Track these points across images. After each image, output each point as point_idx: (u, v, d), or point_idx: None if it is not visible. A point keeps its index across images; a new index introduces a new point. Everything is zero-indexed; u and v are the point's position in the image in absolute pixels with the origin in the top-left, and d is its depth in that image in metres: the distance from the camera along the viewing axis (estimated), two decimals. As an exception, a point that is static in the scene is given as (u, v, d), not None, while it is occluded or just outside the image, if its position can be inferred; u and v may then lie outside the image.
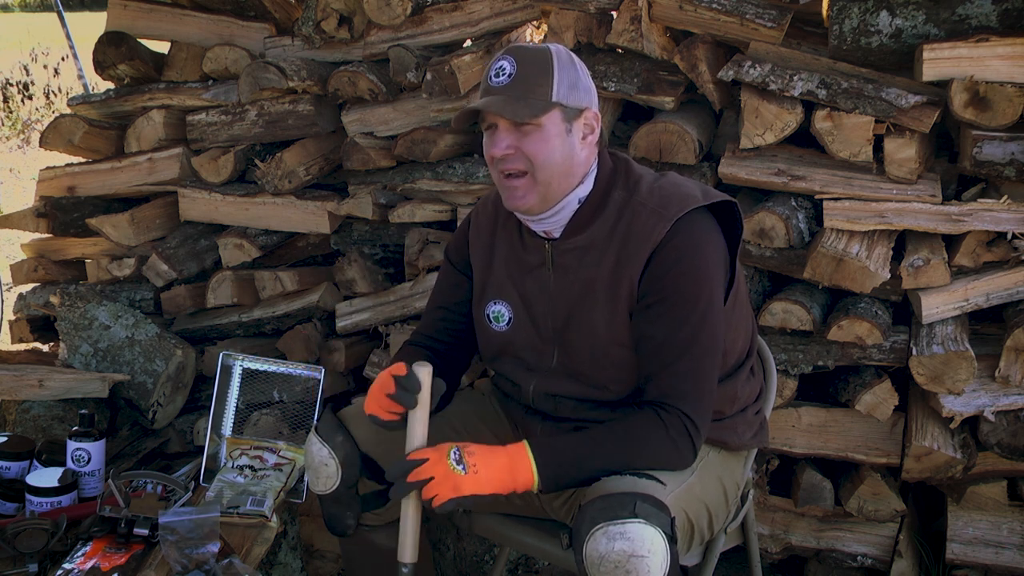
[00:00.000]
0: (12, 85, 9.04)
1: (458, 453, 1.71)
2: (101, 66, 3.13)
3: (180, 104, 3.09)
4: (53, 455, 2.44)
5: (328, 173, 3.04)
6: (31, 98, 9.06)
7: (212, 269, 3.13)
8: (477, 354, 2.09)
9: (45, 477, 2.30)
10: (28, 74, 9.29)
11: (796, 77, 2.40)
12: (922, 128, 2.34)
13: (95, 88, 7.18)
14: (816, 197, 2.48)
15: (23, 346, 3.40)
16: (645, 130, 2.56)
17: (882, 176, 2.42)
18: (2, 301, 3.34)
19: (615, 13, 2.58)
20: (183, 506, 2.21)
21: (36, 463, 2.44)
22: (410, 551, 1.78)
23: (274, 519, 2.32)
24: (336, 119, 2.99)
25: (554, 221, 1.85)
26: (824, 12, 2.60)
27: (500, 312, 1.96)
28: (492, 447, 1.76)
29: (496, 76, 1.77)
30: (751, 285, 2.55)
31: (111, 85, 3.26)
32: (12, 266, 3.43)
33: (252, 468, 2.46)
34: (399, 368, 1.81)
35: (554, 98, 1.75)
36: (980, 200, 2.40)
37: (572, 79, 1.78)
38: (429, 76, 2.73)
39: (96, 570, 2.02)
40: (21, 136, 8.68)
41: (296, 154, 2.94)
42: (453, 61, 2.70)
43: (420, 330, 2.10)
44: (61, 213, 3.18)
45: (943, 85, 2.35)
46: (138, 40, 3.16)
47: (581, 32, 2.66)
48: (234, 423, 2.68)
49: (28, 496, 2.27)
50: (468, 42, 2.94)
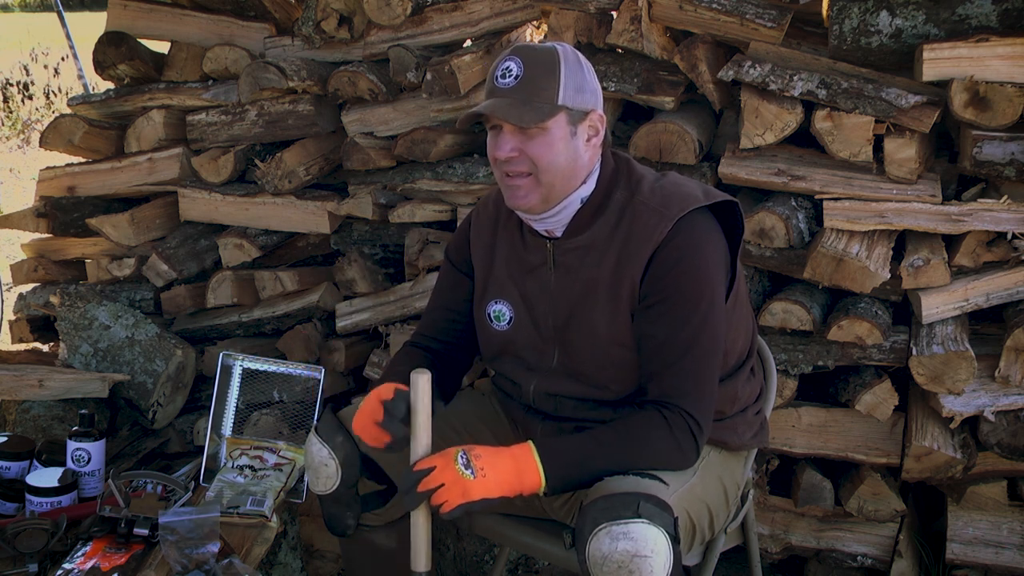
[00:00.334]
0: (12, 85, 9.03)
1: (465, 457, 1.69)
2: (101, 66, 3.13)
3: (180, 104, 3.09)
4: (53, 455, 2.44)
5: (328, 173, 3.04)
6: (31, 98, 9.05)
7: (212, 269, 3.13)
8: (478, 354, 2.09)
9: (45, 477, 2.30)
10: (28, 74, 9.29)
11: (796, 77, 2.40)
12: (922, 128, 2.34)
13: (95, 88, 7.18)
14: (816, 197, 2.48)
15: (23, 346, 3.40)
16: (645, 130, 2.56)
17: (882, 176, 2.42)
18: (2, 301, 3.34)
19: (615, 13, 2.58)
20: (183, 506, 2.21)
21: (36, 463, 2.44)
22: (424, 560, 1.75)
23: (274, 519, 2.32)
24: (336, 119, 2.99)
25: (556, 220, 1.85)
26: (824, 12, 2.60)
27: (501, 311, 1.96)
28: (497, 448, 1.74)
29: (503, 77, 1.76)
30: (751, 285, 2.55)
31: (111, 85, 3.26)
32: (12, 266, 3.43)
33: (252, 468, 2.46)
34: (387, 391, 1.78)
35: (560, 101, 1.75)
36: (980, 200, 2.40)
37: (579, 81, 1.77)
38: (429, 76, 2.73)
39: (96, 570, 2.02)
40: (21, 136, 8.68)
41: (296, 154, 2.94)
42: (453, 61, 2.70)
43: (420, 330, 2.10)
44: (61, 213, 3.18)
45: (943, 85, 2.35)
46: (138, 40, 3.16)
47: (581, 32, 2.66)
48: (234, 423, 2.68)
49: (28, 496, 2.27)
50: (468, 42, 2.94)
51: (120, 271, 3.15)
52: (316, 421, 2.34)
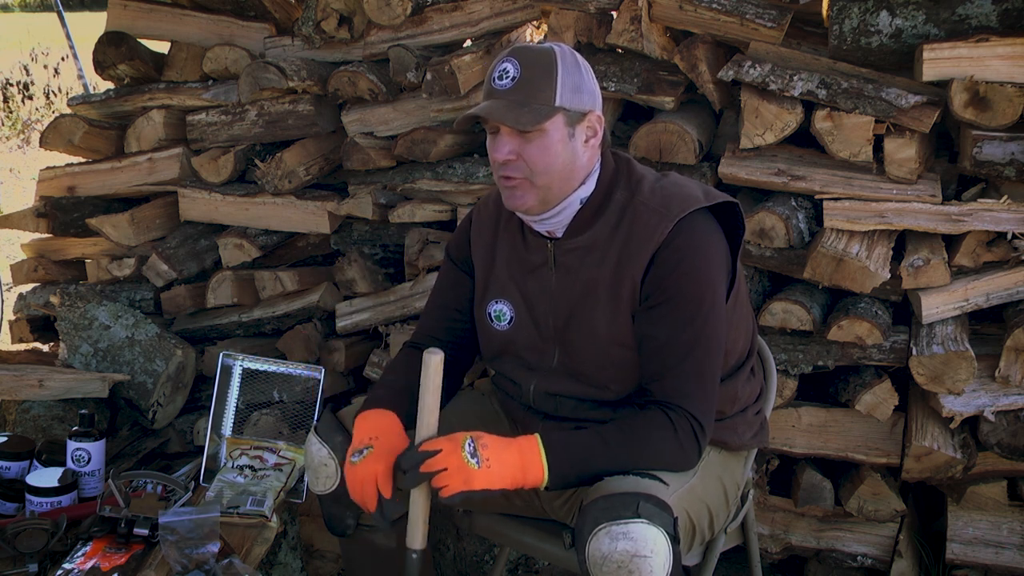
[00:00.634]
0: (12, 85, 9.03)
1: (472, 445, 1.70)
2: (101, 66, 3.13)
3: (180, 104, 3.09)
4: (53, 455, 2.44)
5: (328, 173, 3.04)
6: (31, 98, 9.05)
7: (212, 269, 3.13)
8: (478, 353, 2.09)
9: (45, 477, 2.30)
10: (28, 74, 9.29)
11: (796, 77, 2.40)
12: (922, 128, 2.34)
13: (95, 88, 7.18)
14: (816, 197, 2.48)
15: (23, 346, 3.40)
16: (645, 130, 2.56)
17: (882, 176, 2.42)
18: (2, 301, 3.34)
19: (615, 13, 2.58)
20: (183, 506, 2.21)
21: (36, 463, 2.44)
22: (420, 537, 1.77)
23: (274, 519, 2.32)
24: (336, 119, 2.99)
25: (556, 221, 1.85)
26: (824, 12, 2.60)
27: (502, 311, 1.96)
28: (505, 440, 1.74)
29: (500, 79, 1.76)
30: (751, 285, 2.55)
31: (111, 85, 3.26)
32: (12, 266, 3.43)
33: (252, 468, 2.46)
34: (384, 485, 1.76)
35: (557, 103, 1.74)
36: (980, 200, 2.40)
37: (576, 82, 1.77)
38: (429, 76, 2.73)
39: (96, 570, 2.02)
40: (21, 136, 8.68)
41: (296, 154, 2.94)
42: (453, 61, 2.70)
43: (420, 330, 2.09)
44: (61, 213, 3.18)
45: (943, 85, 2.35)
46: (138, 40, 3.16)
47: (581, 32, 2.66)
48: (234, 423, 2.68)
49: (28, 496, 2.27)
50: (468, 42, 2.94)
51: (120, 271, 3.15)
52: (316, 421, 2.34)
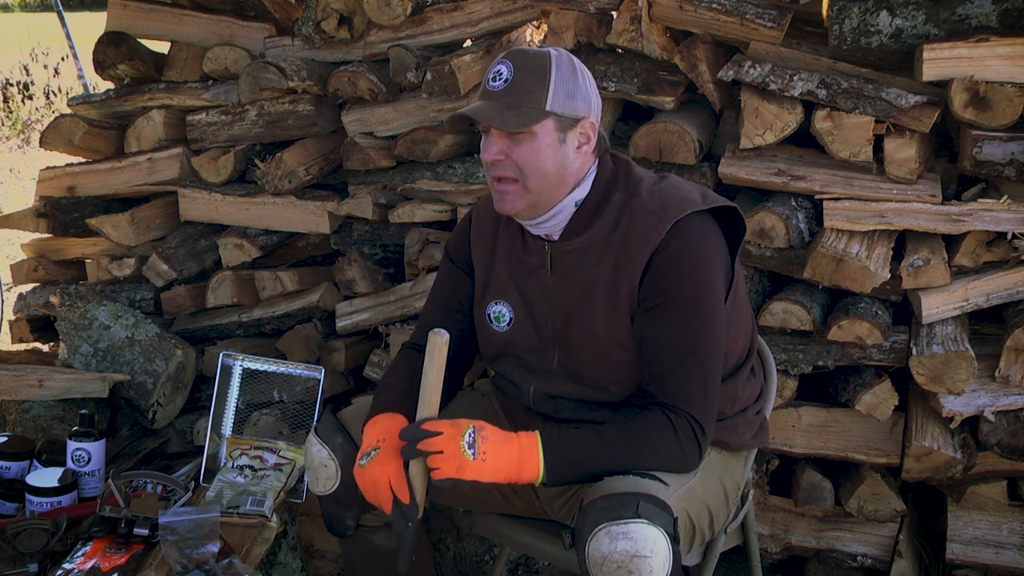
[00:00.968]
0: (12, 85, 9.03)
1: (472, 436, 1.70)
2: (101, 66, 3.13)
3: (180, 104, 3.09)
4: (53, 455, 2.44)
5: (328, 173, 3.04)
6: (31, 98, 9.05)
7: (212, 269, 3.13)
8: (478, 353, 2.08)
9: (45, 477, 2.30)
10: (28, 74, 9.29)
11: (796, 77, 2.40)
12: (922, 128, 2.34)
13: (95, 88, 7.18)
14: (816, 197, 2.48)
15: (23, 346, 3.40)
16: (645, 130, 2.56)
17: (882, 176, 2.42)
18: (2, 301, 3.33)
19: (615, 13, 2.58)
20: (183, 506, 2.21)
21: (36, 463, 2.44)
22: (416, 509, 1.76)
23: (274, 519, 2.32)
24: (336, 119, 2.99)
25: (551, 224, 1.85)
26: (824, 12, 2.60)
27: (501, 312, 1.95)
28: (506, 435, 1.74)
29: (493, 80, 1.77)
30: (751, 285, 2.55)
31: (111, 85, 3.26)
32: (12, 266, 3.43)
33: (252, 468, 2.46)
34: (400, 489, 1.75)
35: (548, 107, 1.74)
36: (980, 200, 2.40)
37: (570, 88, 1.77)
38: (429, 76, 2.73)
39: (96, 570, 2.02)
40: (21, 136, 8.68)
41: (296, 154, 2.93)
42: (453, 61, 2.70)
43: (420, 330, 2.08)
44: (61, 213, 3.18)
45: (943, 85, 2.35)
46: (138, 40, 3.16)
47: (581, 32, 2.66)
48: (234, 423, 2.68)
49: (28, 496, 2.27)
50: (468, 42, 2.94)
51: (120, 271, 3.15)
52: (316, 422, 2.34)
